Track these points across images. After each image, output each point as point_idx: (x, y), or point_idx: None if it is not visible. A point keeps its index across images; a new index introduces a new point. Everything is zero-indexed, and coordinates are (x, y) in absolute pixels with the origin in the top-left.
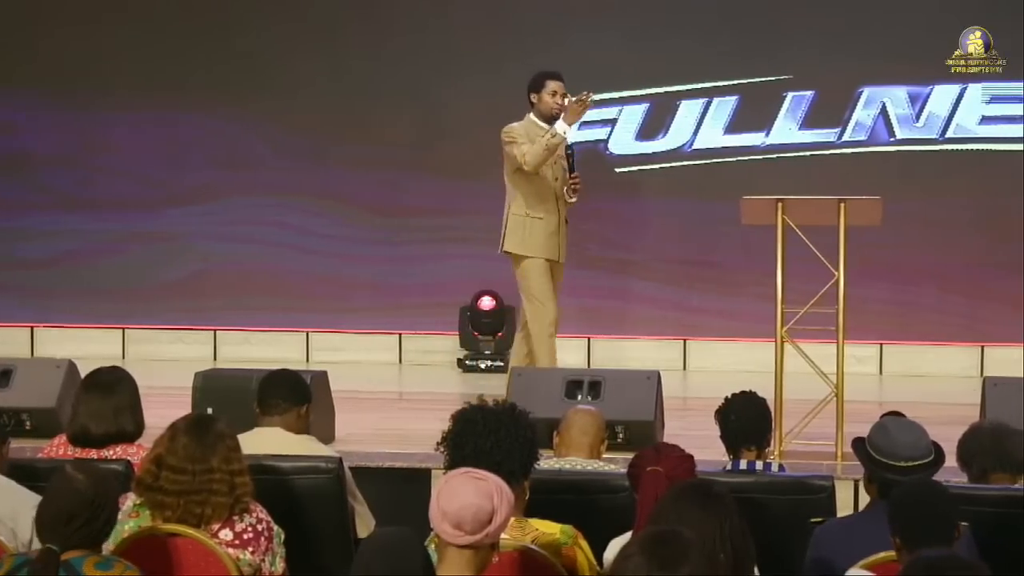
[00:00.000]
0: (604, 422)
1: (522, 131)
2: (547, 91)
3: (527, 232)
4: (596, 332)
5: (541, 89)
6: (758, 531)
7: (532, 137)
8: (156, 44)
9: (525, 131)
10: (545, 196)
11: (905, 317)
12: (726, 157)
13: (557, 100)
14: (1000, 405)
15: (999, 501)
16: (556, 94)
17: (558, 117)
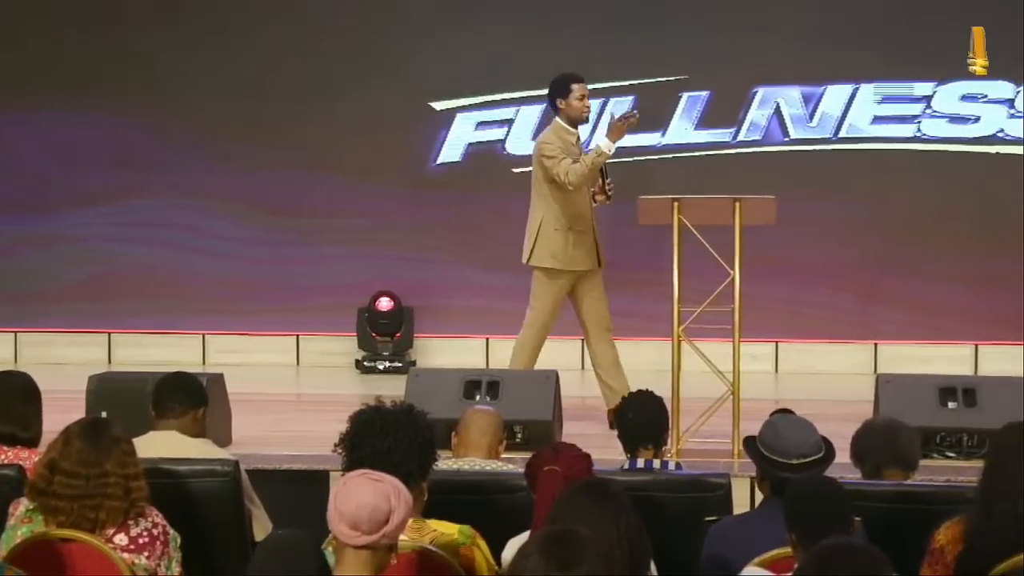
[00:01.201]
0: (502, 422)
1: (559, 143)
2: (574, 96)
3: (568, 245)
4: (495, 332)
5: (568, 94)
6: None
7: (567, 147)
8: (51, 44)
9: (561, 142)
10: (584, 208)
11: (800, 315)
12: (622, 157)
13: (585, 103)
14: (893, 401)
15: (892, 496)
16: (584, 98)
17: (586, 121)
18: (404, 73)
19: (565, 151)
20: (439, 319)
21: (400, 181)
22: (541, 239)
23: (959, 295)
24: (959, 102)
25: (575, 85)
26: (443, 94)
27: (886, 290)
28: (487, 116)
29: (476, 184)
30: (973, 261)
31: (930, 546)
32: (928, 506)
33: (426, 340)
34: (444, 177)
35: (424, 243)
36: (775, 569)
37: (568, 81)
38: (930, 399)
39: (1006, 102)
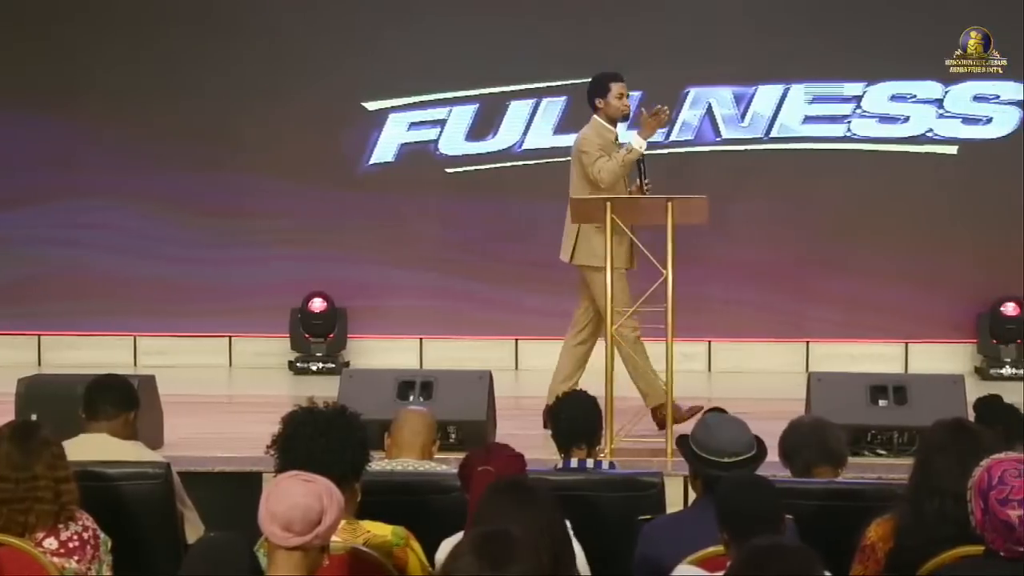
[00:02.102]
0: (435, 422)
1: (597, 142)
2: (613, 94)
3: (613, 244)
4: (428, 333)
5: (607, 93)
6: (588, 529)
7: (605, 146)
8: None
9: (600, 140)
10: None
11: (732, 315)
12: (555, 157)
13: (624, 101)
14: (824, 400)
15: (823, 494)
16: (623, 96)
17: (626, 119)
18: (336, 74)
19: (603, 149)
20: (373, 320)
21: (333, 182)
22: (582, 239)
23: (889, 294)
24: (888, 102)
25: (614, 84)
26: (375, 94)
27: (817, 289)
28: (420, 116)
29: (409, 184)
30: (903, 260)
31: (861, 543)
32: (859, 504)
33: (359, 341)
34: (377, 177)
35: (357, 244)
36: (708, 567)
37: (607, 80)
38: (861, 397)
39: (935, 102)
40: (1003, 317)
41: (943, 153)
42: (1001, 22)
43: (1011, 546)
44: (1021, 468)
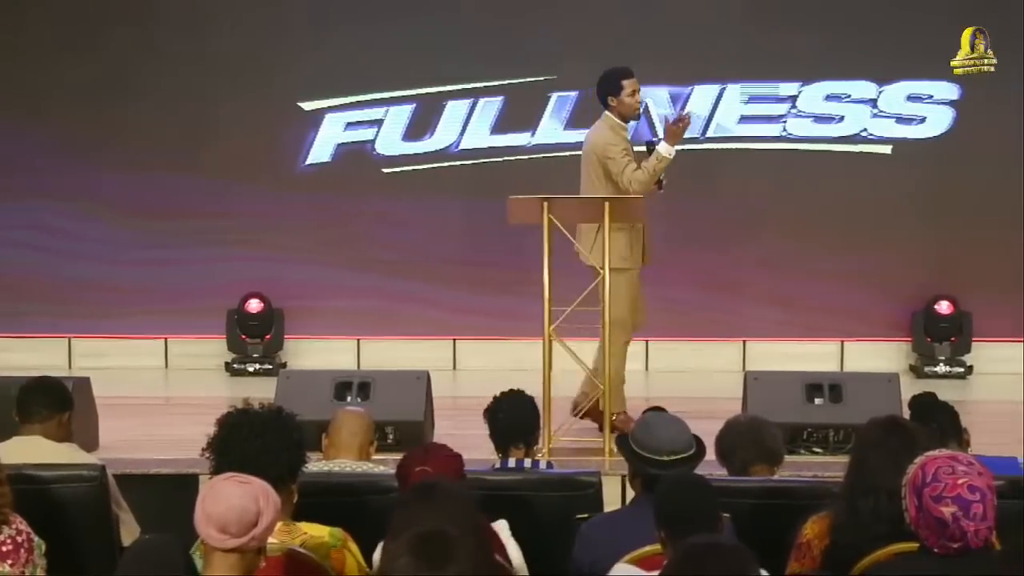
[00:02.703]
0: (373, 423)
1: (621, 145)
2: (626, 92)
3: (631, 243)
4: (366, 333)
5: (619, 91)
6: (526, 529)
7: (628, 148)
8: None
9: (623, 142)
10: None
11: (669, 313)
12: (493, 157)
13: (637, 99)
14: (761, 398)
15: (759, 493)
16: (635, 92)
17: (638, 117)
18: (272, 74)
19: (627, 151)
20: (310, 320)
21: (269, 182)
22: (608, 237)
23: (825, 292)
24: (823, 102)
25: (625, 81)
26: (312, 94)
27: (754, 288)
28: (356, 116)
29: (346, 185)
30: (838, 259)
31: (797, 541)
32: (795, 501)
33: (296, 341)
34: (314, 178)
35: (294, 244)
36: (645, 566)
37: (618, 77)
38: (797, 395)
39: (869, 102)
40: (937, 316)
41: (877, 153)
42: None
43: (944, 542)
44: (954, 465)
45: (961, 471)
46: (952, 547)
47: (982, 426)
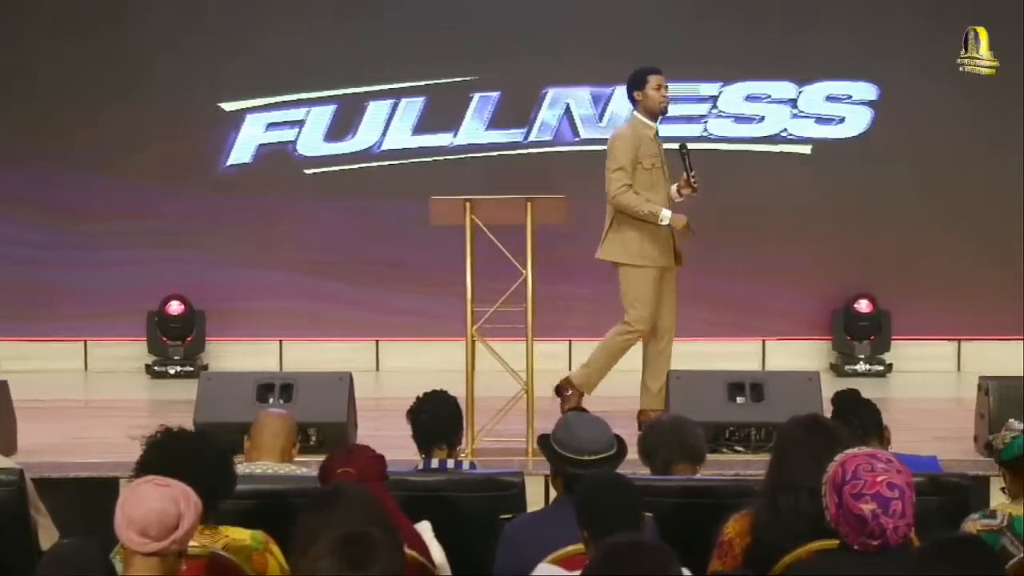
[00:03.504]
0: (295, 425)
1: (630, 142)
2: (651, 86)
3: (645, 241)
4: (288, 334)
5: (644, 85)
6: (450, 529)
7: (638, 144)
8: None
9: (634, 138)
10: (658, 203)
11: (593, 314)
12: (415, 158)
13: (662, 93)
14: (683, 397)
15: (682, 492)
16: (660, 87)
17: (665, 112)
18: (193, 74)
19: (635, 148)
20: (231, 322)
21: (190, 183)
22: (625, 237)
23: (746, 292)
24: (744, 102)
25: (651, 77)
26: (232, 95)
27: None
28: (278, 117)
29: (267, 185)
30: (760, 258)
31: (719, 539)
32: (717, 500)
33: (218, 343)
34: (235, 178)
35: (215, 245)
36: (567, 566)
37: (644, 73)
38: (719, 394)
39: (789, 102)
40: (857, 314)
41: (797, 152)
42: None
43: (864, 539)
44: (874, 463)
45: (880, 469)
46: (871, 544)
47: (902, 424)
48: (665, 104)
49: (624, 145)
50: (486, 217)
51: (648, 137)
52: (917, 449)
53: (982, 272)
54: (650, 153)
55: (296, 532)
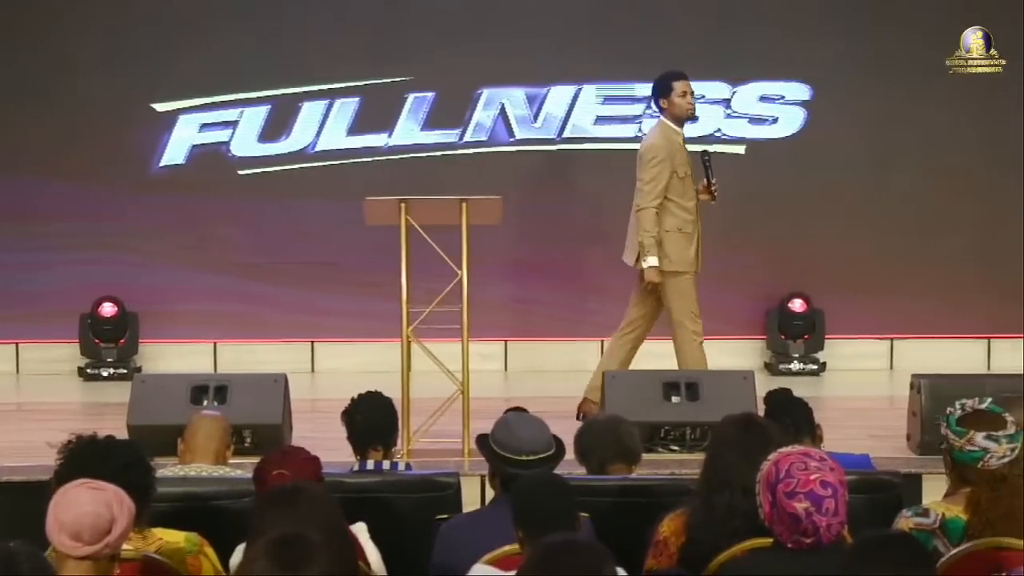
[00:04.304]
0: (230, 427)
1: (665, 148)
2: (676, 93)
3: (681, 248)
4: (222, 336)
5: (670, 92)
6: (386, 531)
7: (672, 151)
8: None
9: (667, 145)
10: (691, 210)
11: (528, 314)
12: (350, 158)
13: (689, 100)
14: (619, 397)
15: (617, 491)
16: (686, 94)
17: (693, 118)
18: (125, 75)
19: (671, 157)
20: (165, 324)
21: (123, 184)
22: (664, 243)
23: None
24: None
25: (676, 83)
26: (165, 95)
27: (611, 288)
28: (211, 118)
29: (201, 186)
30: None
31: (654, 538)
32: (653, 499)
33: (152, 345)
34: (168, 180)
35: (148, 247)
36: (503, 566)
37: (670, 79)
38: (654, 394)
39: (722, 102)
40: (791, 313)
41: (731, 153)
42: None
43: (798, 537)
44: (807, 461)
45: (814, 467)
46: (805, 542)
47: (835, 422)
48: (692, 109)
49: (661, 156)
50: (421, 218)
51: (679, 144)
52: (850, 447)
53: (914, 271)
54: (683, 161)
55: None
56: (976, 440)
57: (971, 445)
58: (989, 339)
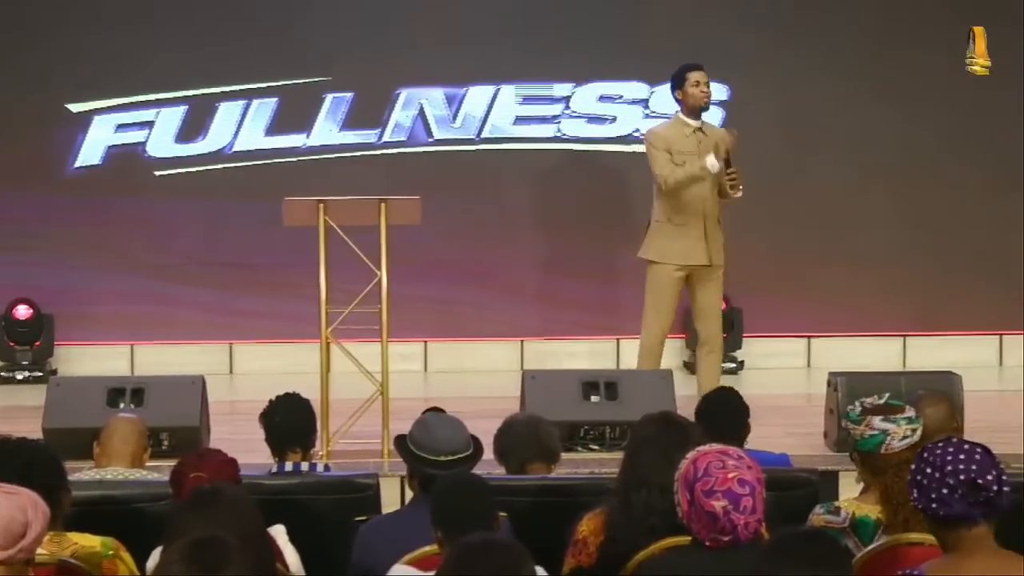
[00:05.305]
0: (146, 429)
1: (662, 136)
2: (690, 83)
3: (668, 238)
4: (140, 339)
5: (684, 83)
6: (305, 533)
7: (673, 141)
8: None
9: (667, 135)
10: (688, 200)
11: (448, 314)
12: (268, 159)
13: (702, 89)
14: (538, 397)
15: (536, 490)
16: (699, 84)
17: (706, 107)
18: (39, 75)
19: (667, 143)
20: (81, 326)
21: (37, 185)
22: (650, 231)
23: (600, 290)
24: (597, 103)
25: (690, 74)
26: (80, 96)
27: (531, 287)
28: (127, 118)
29: (117, 188)
30: (612, 257)
31: (573, 538)
32: (572, 499)
33: (68, 348)
34: (83, 181)
35: (64, 249)
36: (422, 566)
37: (684, 71)
38: (574, 393)
39: (641, 102)
40: None
41: None
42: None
43: (716, 536)
44: (725, 459)
45: (731, 465)
46: (723, 540)
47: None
48: (705, 99)
49: (651, 140)
50: (340, 218)
51: (685, 134)
52: (769, 445)
53: (831, 269)
54: (682, 151)
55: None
56: (874, 423)
57: (870, 429)
58: (905, 337)
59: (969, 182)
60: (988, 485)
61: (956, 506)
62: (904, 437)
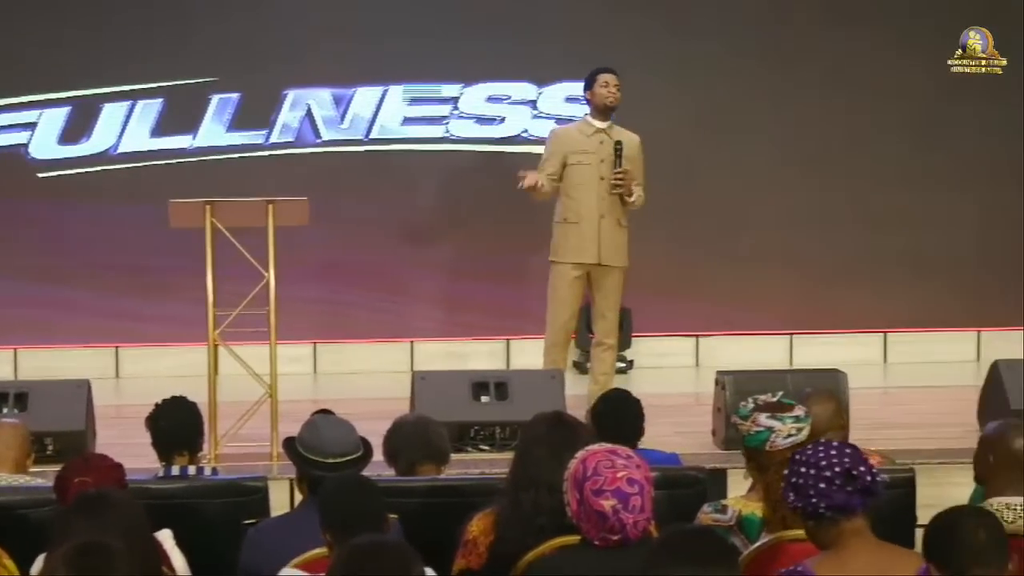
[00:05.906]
0: (30, 434)
1: (560, 137)
2: (599, 83)
3: (561, 238)
4: (24, 343)
5: (594, 84)
6: (193, 537)
7: (572, 142)
8: None
9: (566, 135)
10: (581, 199)
11: (336, 316)
12: (153, 160)
13: (609, 90)
14: (429, 397)
15: (425, 491)
16: (608, 84)
17: (612, 107)
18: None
19: (563, 144)
20: None
21: None
22: (554, 233)
23: (490, 292)
24: (485, 103)
25: (600, 75)
26: None
27: (421, 288)
28: (8, 120)
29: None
30: (501, 258)
31: (463, 538)
32: (462, 499)
33: None
34: None
35: None
36: (311, 569)
37: (595, 73)
38: (464, 394)
39: (529, 103)
40: None
41: (538, 153)
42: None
43: (605, 535)
44: (613, 459)
45: (620, 464)
46: (612, 539)
47: None
48: (611, 99)
49: (550, 141)
50: (227, 220)
51: (584, 136)
52: (658, 444)
53: (718, 269)
54: (579, 150)
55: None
56: (760, 420)
57: (756, 426)
58: (791, 335)
59: (855, 179)
60: (863, 475)
61: (836, 497)
62: (788, 435)
